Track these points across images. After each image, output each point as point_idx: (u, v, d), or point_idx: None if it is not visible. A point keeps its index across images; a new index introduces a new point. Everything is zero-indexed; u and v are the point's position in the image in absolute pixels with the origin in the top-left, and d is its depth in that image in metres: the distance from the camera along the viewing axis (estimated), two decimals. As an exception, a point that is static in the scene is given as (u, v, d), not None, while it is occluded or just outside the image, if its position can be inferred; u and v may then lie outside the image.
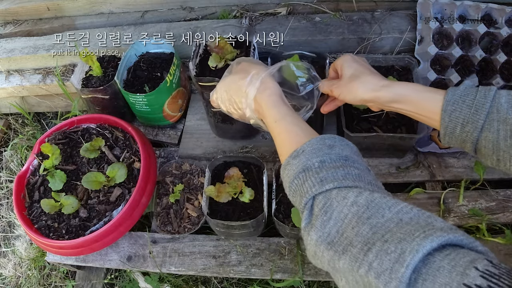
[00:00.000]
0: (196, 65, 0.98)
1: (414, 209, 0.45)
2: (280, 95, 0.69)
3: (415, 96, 0.67)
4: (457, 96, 0.62)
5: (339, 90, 0.75)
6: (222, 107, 0.79)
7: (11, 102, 1.44)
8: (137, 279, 1.11)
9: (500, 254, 0.91)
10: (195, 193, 1.05)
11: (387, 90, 0.69)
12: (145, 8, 1.38)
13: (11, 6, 1.42)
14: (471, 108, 0.60)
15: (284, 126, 0.64)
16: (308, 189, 0.52)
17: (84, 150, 1.02)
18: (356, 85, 0.72)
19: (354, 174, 0.52)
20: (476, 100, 0.60)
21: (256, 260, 0.96)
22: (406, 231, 0.41)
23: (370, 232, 0.43)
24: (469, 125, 0.60)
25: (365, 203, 0.46)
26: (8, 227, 1.36)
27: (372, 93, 0.70)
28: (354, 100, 0.74)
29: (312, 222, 0.50)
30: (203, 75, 0.95)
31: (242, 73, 0.73)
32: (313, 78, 0.78)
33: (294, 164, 0.55)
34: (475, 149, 0.62)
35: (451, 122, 0.62)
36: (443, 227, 0.41)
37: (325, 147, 0.55)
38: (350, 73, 0.75)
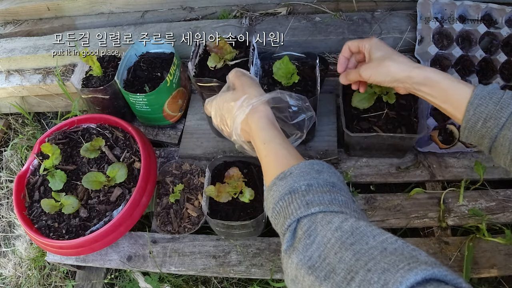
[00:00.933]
0: (195, 65, 0.98)
1: (399, 241, 0.44)
2: (271, 119, 0.69)
3: (446, 83, 0.68)
4: (485, 92, 0.64)
5: (369, 71, 0.76)
6: (214, 121, 0.79)
7: (11, 102, 1.44)
8: (137, 279, 1.11)
9: (500, 254, 0.91)
10: (195, 193, 1.05)
11: (420, 71, 0.71)
12: (145, 8, 1.38)
13: (11, 6, 1.42)
14: (496, 105, 0.62)
15: (272, 148, 0.64)
16: (293, 211, 0.51)
17: (84, 150, 1.02)
18: (389, 64, 0.73)
19: (340, 200, 0.52)
20: (502, 99, 0.62)
21: (256, 260, 0.96)
22: (390, 261, 0.40)
23: (353, 258, 0.42)
24: (491, 120, 0.62)
25: (350, 229, 0.46)
26: (8, 227, 1.36)
27: (406, 72, 0.72)
28: (386, 80, 0.75)
29: (295, 245, 0.49)
30: (202, 75, 0.95)
31: (237, 93, 0.73)
32: (305, 109, 0.78)
33: (280, 186, 0.55)
34: (490, 147, 0.64)
35: (475, 116, 0.64)
36: (427, 261, 0.40)
37: (313, 172, 0.55)
38: (381, 54, 0.76)
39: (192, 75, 0.94)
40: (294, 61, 1.00)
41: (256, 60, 0.99)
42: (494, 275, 0.91)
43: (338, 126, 1.11)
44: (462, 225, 0.97)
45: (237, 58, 0.97)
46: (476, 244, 0.93)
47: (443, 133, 1.07)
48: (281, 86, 0.96)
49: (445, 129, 1.07)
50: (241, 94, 0.72)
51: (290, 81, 0.95)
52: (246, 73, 0.78)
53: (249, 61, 0.93)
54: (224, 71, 0.95)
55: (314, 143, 1.09)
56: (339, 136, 1.09)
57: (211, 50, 0.96)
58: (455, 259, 0.92)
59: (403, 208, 1.00)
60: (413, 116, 0.98)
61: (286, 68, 0.93)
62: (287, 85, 0.96)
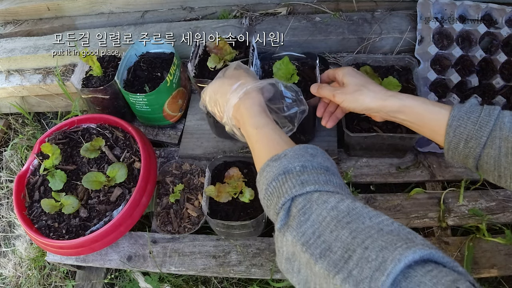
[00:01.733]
0: (195, 66, 0.98)
1: (395, 223, 0.44)
2: (263, 107, 0.70)
3: (421, 109, 0.68)
4: (462, 113, 0.63)
5: (342, 96, 0.76)
6: (208, 106, 0.79)
7: (11, 102, 1.44)
8: (137, 279, 1.11)
9: (500, 254, 0.91)
10: (195, 193, 1.05)
11: (394, 100, 0.70)
12: (145, 8, 1.38)
13: (11, 6, 1.42)
14: (475, 125, 0.61)
15: (265, 133, 0.64)
16: (288, 189, 0.50)
17: (84, 150, 1.02)
18: (363, 93, 0.73)
19: (335, 182, 0.52)
20: (480, 118, 0.61)
21: (256, 260, 0.96)
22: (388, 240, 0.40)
23: (349, 236, 0.42)
24: (472, 141, 0.62)
25: (346, 209, 0.45)
26: (8, 227, 1.36)
27: (379, 101, 0.71)
28: (359, 108, 0.75)
29: (289, 223, 0.48)
30: (202, 76, 0.95)
31: (233, 79, 0.74)
32: (299, 102, 0.78)
33: (274, 167, 0.54)
34: (476, 165, 0.63)
35: (455, 137, 0.63)
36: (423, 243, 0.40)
37: (308, 155, 0.55)
38: (355, 82, 0.76)
39: (192, 76, 0.94)
40: (294, 61, 1.00)
41: (256, 60, 0.99)
42: (494, 275, 0.91)
43: (338, 126, 1.10)
44: (462, 225, 0.97)
45: (237, 58, 0.97)
46: (476, 244, 0.93)
47: (443, 133, 1.07)
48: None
49: (445, 129, 1.07)
50: (236, 80, 0.73)
51: (290, 81, 0.95)
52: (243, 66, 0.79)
53: (249, 62, 0.93)
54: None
55: (314, 143, 1.09)
56: (339, 136, 1.09)
57: (211, 50, 0.96)
58: (455, 259, 0.91)
59: (403, 208, 1.00)
60: (413, 116, 0.98)
61: (286, 68, 0.93)
62: None
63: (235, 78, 0.74)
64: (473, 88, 1.11)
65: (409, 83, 1.01)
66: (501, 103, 1.07)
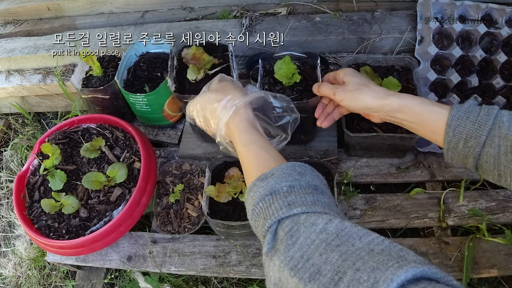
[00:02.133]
0: (173, 79, 0.94)
1: (386, 241, 0.43)
2: (252, 122, 0.69)
3: (420, 108, 0.68)
4: (461, 112, 0.63)
5: (343, 95, 0.76)
6: (197, 121, 0.78)
7: (11, 102, 1.44)
8: (137, 279, 1.11)
9: (500, 254, 0.91)
10: (195, 193, 1.05)
11: (393, 100, 0.70)
12: (145, 8, 1.38)
13: (11, 6, 1.42)
14: (474, 124, 0.62)
15: (253, 151, 0.63)
16: (274, 211, 0.49)
17: (84, 150, 1.02)
18: (363, 92, 0.73)
19: (323, 201, 0.50)
20: (479, 117, 0.62)
21: (256, 260, 0.95)
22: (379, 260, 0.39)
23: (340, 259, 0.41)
24: (472, 140, 0.62)
25: (335, 231, 0.44)
26: (8, 227, 1.36)
27: (379, 101, 0.71)
28: (359, 107, 0.75)
29: (276, 247, 0.47)
30: (183, 89, 0.93)
31: (220, 94, 0.72)
32: (290, 111, 0.78)
33: (261, 187, 0.53)
34: (476, 165, 0.63)
35: (455, 137, 0.63)
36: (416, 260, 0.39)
37: (295, 173, 0.54)
38: (356, 82, 0.76)
39: (173, 90, 0.91)
40: (295, 61, 1.00)
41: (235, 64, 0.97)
42: (494, 275, 0.91)
43: (338, 126, 1.10)
44: (462, 225, 0.97)
45: (216, 66, 0.95)
46: (476, 244, 0.93)
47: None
48: (282, 86, 0.96)
49: (445, 129, 1.07)
50: (224, 95, 0.71)
51: (291, 81, 0.95)
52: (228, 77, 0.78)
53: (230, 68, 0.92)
54: (206, 81, 0.92)
55: (314, 143, 1.09)
56: (339, 136, 1.09)
57: (188, 62, 0.93)
58: (455, 259, 0.92)
59: (403, 208, 1.00)
60: (413, 116, 0.98)
61: (287, 68, 0.93)
62: (288, 85, 0.96)
63: (222, 93, 0.73)
64: (473, 88, 1.11)
65: (409, 83, 1.01)
66: (501, 103, 1.07)
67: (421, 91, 0.98)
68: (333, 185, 0.92)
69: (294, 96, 0.94)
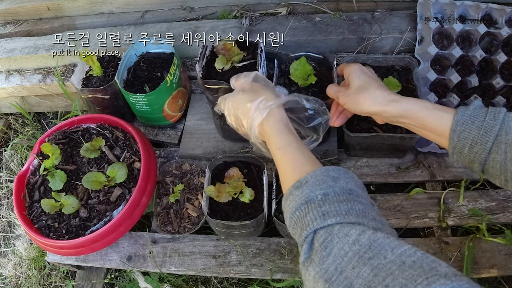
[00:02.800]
0: (202, 67, 0.97)
1: (418, 253, 0.43)
2: (286, 123, 0.69)
3: (424, 113, 0.67)
4: (466, 117, 0.62)
5: (345, 98, 0.76)
6: (228, 120, 0.79)
7: (11, 102, 1.44)
8: (137, 279, 1.11)
9: (500, 254, 0.91)
10: (195, 193, 1.05)
11: (395, 105, 0.69)
12: (145, 8, 1.38)
13: (11, 6, 1.42)
14: (480, 130, 0.60)
15: (288, 154, 0.63)
16: (310, 222, 0.50)
17: (84, 150, 1.02)
18: (363, 97, 0.72)
19: (357, 209, 0.51)
20: (485, 122, 0.60)
21: (256, 260, 0.96)
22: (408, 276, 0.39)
23: (371, 274, 0.42)
24: (477, 146, 0.60)
25: (368, 243, 0.45)
26: (8, 227, 1.36)
27: (380, 107, 0.71)
28: (360, 112, 0.75)
29: (312, 257, 0.48)
30: (210, 77, 0.95)
31: (252, 95, 0.72)
32: (322, 112, 0.78)
33: (296, 195, 0.54)
34: (482, 170, 0.62)
35: (460, 142, 0.62)
36: (447, 273, 0.39)
37: (329, 179, 0.54)
38: (358, 84, 0.75)
39: (199, 77, 0.93)
40: (311, 62, 1.00)
41: (264, 61, 0.98)
42: (494, 275, 0.91)
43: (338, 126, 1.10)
44: (462, 225, 0.97)
45: (245, 60, 0.96)
46: (476, 244, 0.93)
47: (443, 133, 1.07)
48: (297, 86, 0.96)
49: (445, 129, 1.07)
50: (257, 95, 0.71)
51: (307, 82, 0.95)
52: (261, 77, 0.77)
53: (257, 63, 0.93)
54: (232, 73, 0.94)
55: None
56: (339, 136, 1.09)
57: (218, 52, 0.96)
58: (455, 259, 0.92)
59: (403, 208, 1.00)
60: (413, 116, 0.98)
61: (303, 69, 0.93)
62: (303, 86, 0.96)
63: (255, 93, 0.73)
64: (473, 88, 1.11)
65: (409, 83, 1.01)
66: (501, 103, 1.07)
67: (421, 91, 0.98)
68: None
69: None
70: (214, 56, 0.98)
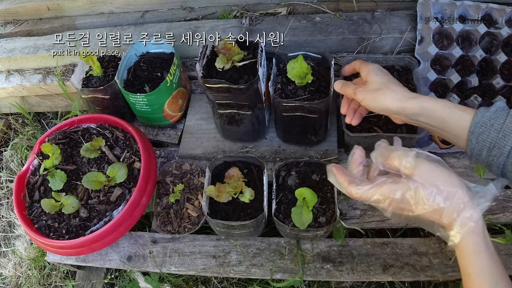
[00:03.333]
0: (203, 67, 0.97)
1: None
2: (485, 238, 0.55)
3: (443, 112, 0.65)
4: (486, 119, 0.61)
5: (363, 95, 0.74)
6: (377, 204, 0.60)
7: (11, 102, 1.44)
8: (137, 279, 1.11)
9: (500, 254, 0.91)
10: (195, 193, 1.05)
11: (415, 102, 0.68)
12: (145, 8, 1.38)
13: (11, 6, 1.42)
14: (499, 133, 0.59)
15: (479, 285, 0.54)
16: None
17: (84, 150, 1.02)
18: (383, 93, 0.71)
19: None
20: (505, 125, 0.59)
21: (256, 260, 0.96)
22: None
23: None
24: (495, 149, 0.59)
25: None
26: (8, 227, 1.36)
27: (399, 103, 0.69)
28: (378, 108, 0.73)
29: None
30: (210, 76, 0.95)
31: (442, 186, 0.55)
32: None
33: None
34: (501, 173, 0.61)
35: (478, 145, 0.61)
36: None
37: None
38: (377, 81, 0.74)
39: (200, 76, 0.93)
40: (310, 61, 1.00)
41: (264, 61, 0.98)
42: (494, 275, 0.90)
43: (338, 126, 1.11)
44: (462, 225, 0.97)
45: (245, 59, 0.96)
46: (476, 244, 0.92)
47: (443, 133, 1.07)
48: (294, 85, 0.96)
49: (445, 129, 1.07)
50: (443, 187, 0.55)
51: (304, 81, 0.95)
52: (434, 157, 0.59)
53: (257, 63, 0.93)
54: (232, 72, 0.94)
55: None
56: (339, 136, 1.09)
57: (219, 51, 0.96)
58: (455, 259, 0.91)
59: (403, 208, 1.00)
60: (413, 116, 0.98)
61: (300, 67, 0.93)
62: (300, 85, 0.96)
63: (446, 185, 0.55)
64: (473, 88, 1.11)
65: (409, 83, 1.01)
66: (501, 103, 1.07)
67: (421, 91, 0.98)
68: (333, 185, 0.92)
69: (306, 97, 0.94)
70: (214, 55, 0.98)
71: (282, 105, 0.93)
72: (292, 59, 0.95)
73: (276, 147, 1.10)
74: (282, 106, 0.93)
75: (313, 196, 0.86)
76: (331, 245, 0.96)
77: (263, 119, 1.05)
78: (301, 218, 0.86)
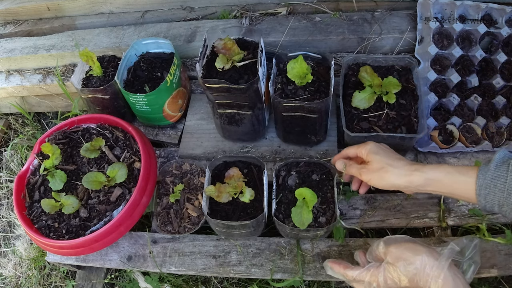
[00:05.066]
0: (202, 67, 0.97)
1: None
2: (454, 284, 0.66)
3: (447, 180, 0.69)
4: (488, 180, 0.64)
5: (369, 175, 0.77)
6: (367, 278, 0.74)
7: (11, 102, 1.44)
8: (137, 279, 1.11)
9: (500, 254, 0.91)
10: (195, 193, 1.05)
11: (419, 175, 0.72)
12: (145, 8, 1.38)
13: (11, 6, 1.42)
14: (503, 193, 0.62)
15: None
16: None
17: (84, 150, 1.02)
18: (388, 172, 0.74)
19: None
20: (507, 184, 0.62)
21: (256, 260, 0.96)
22: None
23: None
24: (505, 206, 0.63)
25: None
26: (8, 227, 1.36)
27: (405, 178, 0.73)
28: (387, 186, 0.76)
29: None
30: (210, 76, 0.95)
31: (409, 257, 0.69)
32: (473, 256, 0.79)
33: None
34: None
35: (488, 203, 0.65)
36: None
37: None
38: (379, 160, 0.77)
39: (200, 76, 0.93)
40: (310, 61, 1.00)
41: (264, 61, 0.98)
42: (494, 275, 0.90)
43: (338, 126, 1.11)
44: (462, 225, 0.97)
45: (245, 59, 0.96)
46: (476, 244, 0.93)
47: (443, 133, 1.07)
48: (294, 85, 0.96)
49: (445, 129, 1.07)
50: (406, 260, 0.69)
51: (304, 80, 0.95)
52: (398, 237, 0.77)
53: (257, 63, 0.93)
54: (232, 72, 0.94)
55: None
56: (339, 136, 1.09)
57: (219, 51, 0.96)
58: (455, 259, 0.92)
59: (403, 208, 1.00)
60: (413, 116, 0.98)
61: (300, 67, 0.93)
62: (300, 84, 0.96)
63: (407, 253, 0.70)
64: (473, 88, 1.11)
65: (409, 83, 1.01)
66: (501, 103, 1.07)
67: (421, 91, 0.98)
68: (333, 185, 0.92)
69: (306, 97, 0.94)
70: (214, 55, 0.98)
71: (282, 105, 0.93)
72: (292, 59, 0.95)
73: (276, 147, 1.10)
74: (282, 106, 0.93)
75: (313, 196, 0.86)
76: (331, 245, 0.96)
77: (263, 119, 1.05)
78: (301, 218, 0.86)
